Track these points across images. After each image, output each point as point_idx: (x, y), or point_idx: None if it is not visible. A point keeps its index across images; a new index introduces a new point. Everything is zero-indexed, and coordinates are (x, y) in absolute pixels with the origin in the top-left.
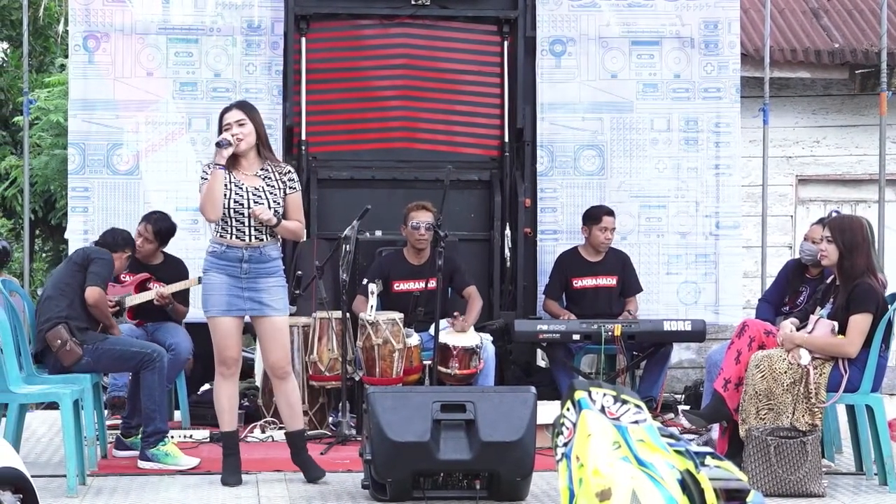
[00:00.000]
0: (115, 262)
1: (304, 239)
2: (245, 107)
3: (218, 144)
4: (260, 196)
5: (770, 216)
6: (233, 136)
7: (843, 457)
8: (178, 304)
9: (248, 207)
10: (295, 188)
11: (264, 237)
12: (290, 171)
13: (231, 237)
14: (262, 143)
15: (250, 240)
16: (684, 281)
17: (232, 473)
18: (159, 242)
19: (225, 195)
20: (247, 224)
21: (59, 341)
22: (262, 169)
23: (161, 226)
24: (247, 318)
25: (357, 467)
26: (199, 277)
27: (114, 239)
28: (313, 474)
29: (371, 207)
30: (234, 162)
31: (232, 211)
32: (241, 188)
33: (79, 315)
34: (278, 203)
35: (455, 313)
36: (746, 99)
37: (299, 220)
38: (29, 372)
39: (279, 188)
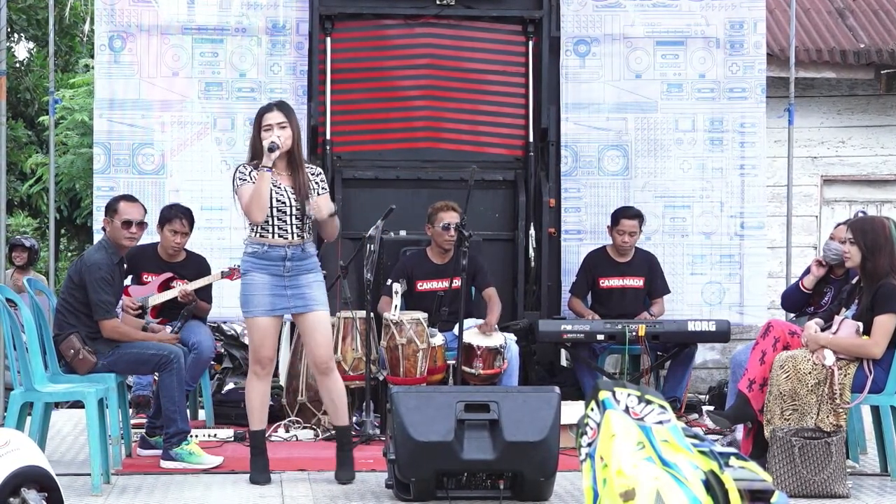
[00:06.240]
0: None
1: (335, 236)
2: (285, 108)
3: (269, 149)
4: (295, 196)
5: (795, 216)
6: (277, 137)
7: (867, 458)
8: (201, 301)
9: (290, 206)
10: (326, 189)
11: (305, 234)
12: (320, 173)
13: (273, 236)
14: (296, 146)
15: (293, 237)
16: (709, 281)
17: (260, 472)
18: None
19: None
20: (289, 223)
21: (73, 351)
22: (293, 171)
23: (190, 215)
24: (287, 317)
25: (381, 467)
26: (222, 272)
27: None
28: (342, 475)
29: (395, 207)
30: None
31: (275, 210)
32: (279, 188)
33: (90, 325)
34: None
35: (480, 324)
36: (771, 99)
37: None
38: (54, 371)
39: (312, 189)
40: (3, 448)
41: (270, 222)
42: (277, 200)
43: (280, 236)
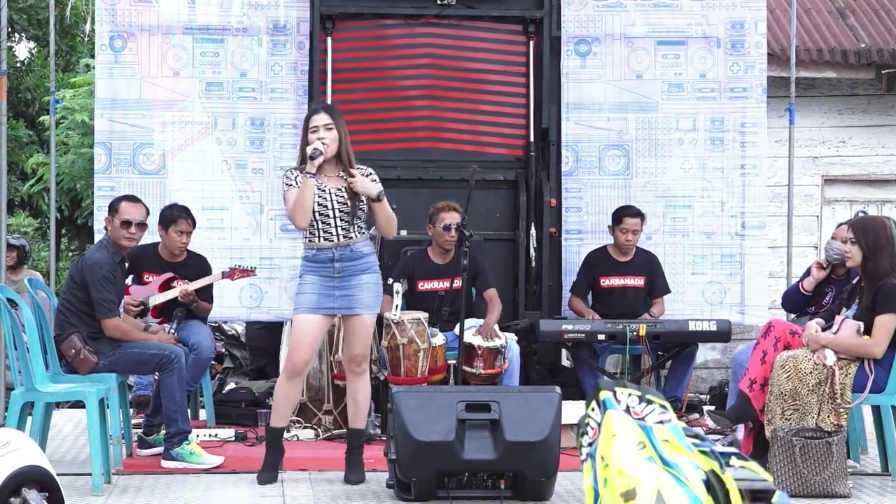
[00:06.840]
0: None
1: (395, 234)
2: (331, 111)
3: (311, 157)
4: (344, 196)
5: (796, 216)
6: (319, 139)
7: (868, 457)
8: (201, 301)
9: (333, 209)
10: (380, 187)
11: (353, 234)
12: (371, 172)
13: (319, 239)
14: (344, 147)
15: (339, 239)
16: (710, 281)
17: (269, 470)
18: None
19: None
20: (333, 224)
21: (74, 350)
22: (343, 170)
23: (191, 213)
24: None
25: (382, 467)
26: (222, 272)
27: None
28: (351, 476)
29: (396, 207)
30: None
31: (317, 213)
32: (323, 190)
33: (91, 325)
34: (362, 202)
35: (478, 327)
36: (772, 99)
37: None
38: (55, 371)
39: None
40: (4, 448)
41: (315, 225)
42: (319, 203)
43: (325, 238)
